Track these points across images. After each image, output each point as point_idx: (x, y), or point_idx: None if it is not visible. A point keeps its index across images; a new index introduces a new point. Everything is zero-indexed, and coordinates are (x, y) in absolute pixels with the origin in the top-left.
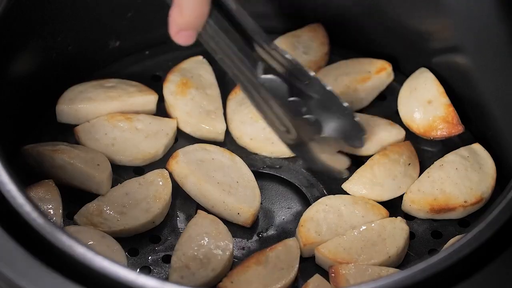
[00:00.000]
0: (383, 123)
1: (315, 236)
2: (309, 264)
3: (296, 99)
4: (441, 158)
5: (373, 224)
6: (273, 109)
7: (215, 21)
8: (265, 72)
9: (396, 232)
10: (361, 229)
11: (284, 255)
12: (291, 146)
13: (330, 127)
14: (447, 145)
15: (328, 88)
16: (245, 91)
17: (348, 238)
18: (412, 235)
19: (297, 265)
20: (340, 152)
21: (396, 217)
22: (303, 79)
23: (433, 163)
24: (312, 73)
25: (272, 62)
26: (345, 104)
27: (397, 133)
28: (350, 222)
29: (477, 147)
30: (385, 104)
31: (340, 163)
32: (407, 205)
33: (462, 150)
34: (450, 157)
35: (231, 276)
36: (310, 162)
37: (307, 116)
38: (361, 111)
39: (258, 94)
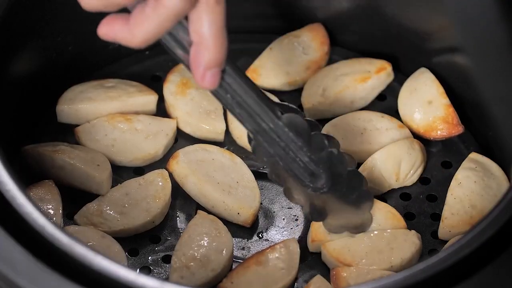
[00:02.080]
0: (391, 126)
1: (325, 235)
2: (309, 265)
3: (318, 133)
4: (454, 178)
5: (385, 233)
6: (295, 154)
7: (230, 66)
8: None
9: (405, 245)
10: (371, 235)
11: (284, 255)
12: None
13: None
14: (447, 145)
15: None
16: (260, 147)
17: (356, 241)
18: None
19: (297, 265)
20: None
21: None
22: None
23: (432, 163)
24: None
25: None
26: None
27: (404, 138)
28: None
29: (474, 155)
30: (385, 104)
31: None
32: (446, 231)
33: (466, 163)
34: (461, 174)
35: (231, 277)
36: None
37: (331, 149)
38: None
39: (277, 144)
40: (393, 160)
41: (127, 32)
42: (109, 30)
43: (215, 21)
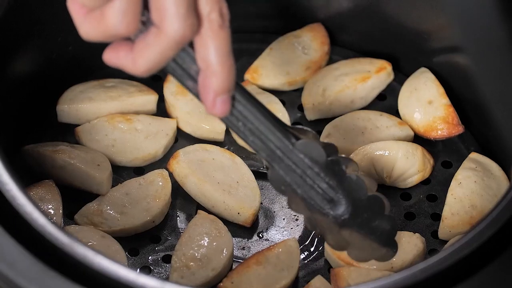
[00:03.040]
0: (391, 124)
1: None
2: (309, 265)
3: (335, 158)
4: (454, 178)
5: None
6: (312, 181)
7: (240, 93)
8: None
9: (408, 247)
10: None
11: (284, 255)
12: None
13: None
14: (447, 145)
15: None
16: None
17: None
18: None
19: (297, 266)
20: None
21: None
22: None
23: (434, 163)
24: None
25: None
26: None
27: (405, 135)
28: None
29: (475, 155)
30: (385, 104)
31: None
32: (446, 231)
33: (467, 163)
34: (461, 173)
35: (231, 276)
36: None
37: (349, 175)
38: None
39: (293, 172)
40: (387, 157)
41: (131, 60)
42: (114, 57)
43: (221, 46)
